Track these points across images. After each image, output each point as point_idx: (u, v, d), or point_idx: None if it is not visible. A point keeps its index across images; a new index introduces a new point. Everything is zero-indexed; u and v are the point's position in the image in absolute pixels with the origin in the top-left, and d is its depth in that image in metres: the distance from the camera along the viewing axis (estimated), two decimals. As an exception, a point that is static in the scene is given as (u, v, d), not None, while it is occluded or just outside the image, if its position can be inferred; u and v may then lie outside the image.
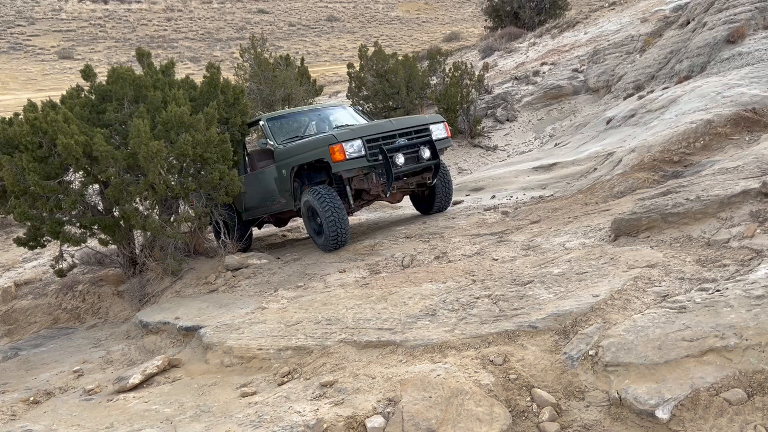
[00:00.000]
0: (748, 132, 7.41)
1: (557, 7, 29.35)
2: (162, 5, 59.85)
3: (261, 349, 4.65)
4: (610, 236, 5.45)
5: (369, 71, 16.69)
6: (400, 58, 16.88)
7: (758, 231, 4.48)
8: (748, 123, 7.52)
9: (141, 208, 7.33)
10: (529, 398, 3.36)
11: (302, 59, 23.40)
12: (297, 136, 8.06)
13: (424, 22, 61.19)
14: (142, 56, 7.97)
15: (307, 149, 7.27)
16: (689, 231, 4.90)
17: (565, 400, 3.32)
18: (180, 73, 9.04)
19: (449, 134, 7.82)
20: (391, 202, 8.45)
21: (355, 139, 6.90)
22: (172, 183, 7.12)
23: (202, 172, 7.34)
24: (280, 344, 4.63)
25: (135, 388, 4.78)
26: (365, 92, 16.75)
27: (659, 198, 5.56)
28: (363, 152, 6.92)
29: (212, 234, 8.51)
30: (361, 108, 9.32)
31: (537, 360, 3.60)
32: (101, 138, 6.74)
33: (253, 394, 4.10)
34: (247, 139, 10.06)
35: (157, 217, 7.28)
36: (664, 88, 10.69)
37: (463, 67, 15.37)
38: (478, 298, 4.61)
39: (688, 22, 13.14)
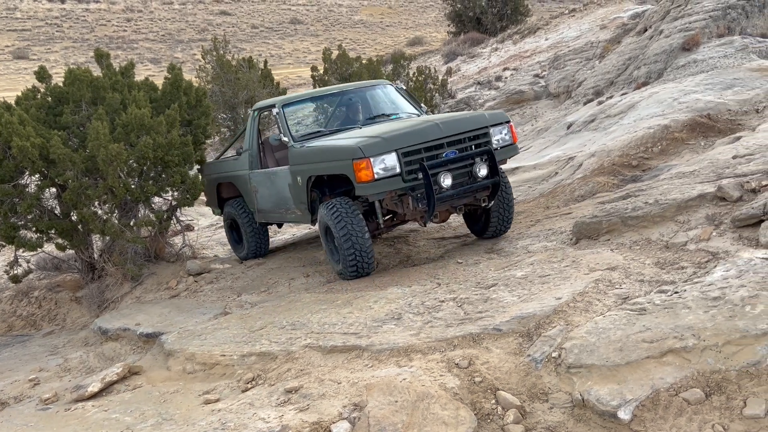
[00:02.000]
0: (703, 137, 7.62)
1: (518, 13, 29.75)
2: (121, 5, 58.81)
3: (224, 356, 4.59)
4: (571, 239, 5.53)
5: (333, 74, 16.67)
6: (364, 61, 16.90)
7: (714, 234, 4.60)
8: (704, 128, 7.73)
9: (100, 212, 7.17)
10: (494, 401, 3.39)
11: (265, 62, 23.22)
12: (319, 132, 6.51)
13: (387, 26, 61.38)
14: (101, 57, 7.80)
15: (325, 158, 5.82)
16: (648, 234, 5.00)
17: (530, 402, 3.35)
18: (140, 75, 8.88)
19: (516, 138, 6.04)
20: (435, 223, 6.75)
21: (388, 152, 5.29)
22: (132, 186, 6.98)
23: (164, 176, 7.22)
24: (244, 350, 4.57)
25: (94, 396, 4.67)
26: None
27: (619, 202, 5.67)
28: (398, 170, 5.31)
29: (174, 238, 8.37)
30: (404, 87, 7.57)
31: (501, 363, 3.63)
32: (58, 140, 6.58)
33: (217, 401, 4.04)
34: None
35: (116, 221, 7.14)
36: (622, 94, 10.92)
37: (427, 72, 15.48)
38: (443, 301, 4.63)
39: (646, 30, 13.46)
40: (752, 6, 12.54)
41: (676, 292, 3.77)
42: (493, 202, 5.90)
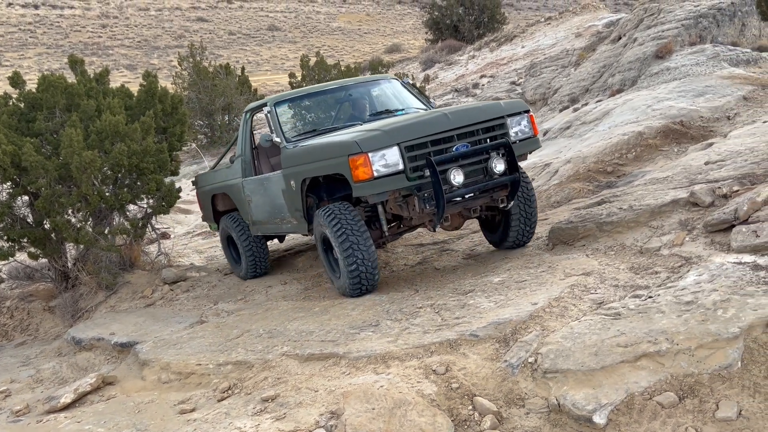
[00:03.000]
0: (676, 143, 7.73)
1: (495, 21, 30.04)
2: (96, 11, 58.26)
3: (200, 365, 4.54)
4: (547, 245, 5.57)
5: (311, 81, 16.67)
6: (342, 68, 16.92)
7: (687, 239, 4.66)
8: (677, 135, 7.84)
9: (73, 220, 7.07)
10: (471, 407, 3.39)
11: (243, 68, 23.17)
12: (315, 130, 5.91)
13: (365, 33, 61.55)
14: (75, 63, 7.72)
15: (319, 156, 5.19)
16: (623, 239, 5.06)
17: (506, 407, 3.36)
18: (115, 81, 8.80)
19: (536, 130, 5.39)
20: (446, 230, 5.87)
21: (388, 147, 4.70)
22: (107, 194, 6.90)
23: (139, 183, 7.14)
24: (220, 359, 4.53)
25: (66, 407, 4.59)
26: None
27: (594, 207, 5.73)
28: (401, 166, 4.71)
29: (150, 246, 8.28)
30: (410, 81, 6.93)
31: (478, 368, 3.63)
32: (31, 147, 6.48)
33: (192, 410, 3.99)
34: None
35: (90, 229, 7.04)
36: (597, 101, 11.06)
37: (405, 79, 15.54)
38: (420, 307, 4.63)
39: (620, 38, 13.65)
40: (723, 15, 12.79)
41: (650, 297, 3.81)
42: (512, 203, 5.24)
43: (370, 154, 4.63)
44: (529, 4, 71.81)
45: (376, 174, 4.65)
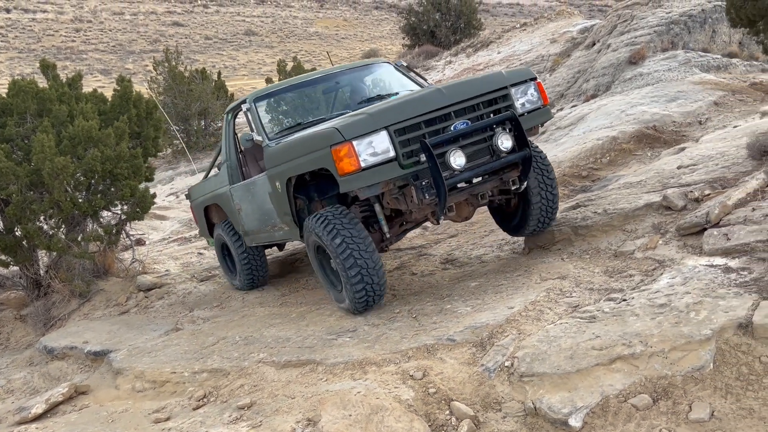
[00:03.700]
0: (650, 148, 7.83)
1: (471, 26, 30.20)
2: (70, 15, 57.55)
3: (175, 373, 4.49)
4: (523, 249, 5.60)
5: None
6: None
7: (660, 242, 4.72)
8: (650, 139, 7.95)
9: (45, 227, 6.96)
10: (448, 411, 3.39)
11: (219, 73, 23.03)
12: (300, 124, 5.42)
13: (343, 38, 61.58)
14: (47, 68, 7.61)
15: (300, 151, 4.63)
16: (597, 243, 5.10)
17: (483, 411, 3.37)
18: (89, 86, 8.69)
19: (546, 99, 4.80)
20: (455, 221, 5.27)
21: (375, 131, 4.14)
22: (80, 200, 6.80)
23: (113, 189, 7.05)
24: (196, 367, 4.48)
25: (38, 418, 4.50)
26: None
27: (569, 212, 5.77)
28: (392, 153, 4.16)
29: (124, 253, 8.18)
30: (405, 64, 6.26)
31: (455, 373, 3.64)
32: (1, 153, 6.37)
33: (167, 419, 3.94)
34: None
35: (63, 236, 6.94)
36: (572, 106, 11.17)
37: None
38: (398, 312, 4.62)
39: (594, 44, 13.81)
40: (694, 22, 13.02)
41: (624, 300, 3.84)
42: (525, 184, 4.72)
43: (354, 142, 4.08)
44: (504, 10, 72.46)
45: (363, 164, 4.09)
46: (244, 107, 5.57)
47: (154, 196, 7.49)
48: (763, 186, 4.96)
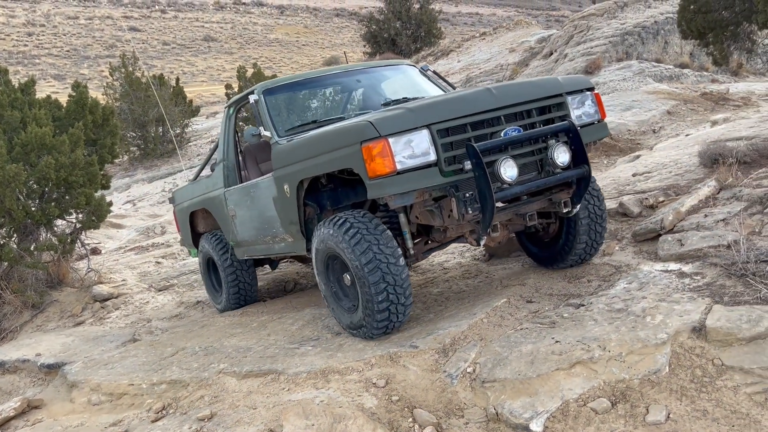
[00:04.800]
0: (606, 156, 8.01)
1: (432, 35, 30.48)
2: (22, 19, 56.12)
3: (132, 385, 4.39)
4: (485, 256, 5.66)
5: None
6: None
7: (617, 248, 4.83)
8: (606, 147, 8.13)
9: (-4, 236, 6.76)
10: (411, 419, 3.39)
11: (177, 79, 22.74)
12: (315, 122, 4.83)
13: (303, 45, 61.45)
14: (-2, 73, 7.41)
15: (321, 148, 3.99)
16: (557, 249, 5.18)
17: (446, 418, 3.38)
18: (43, 92, 8.48)
19: (604, 113, 4.25)
20: (488, 245, 4.71)
21: (415, 129, 3.58)
22: (33, 209, 6.63)
23: (67, 197, 6.89)
24: (154, 378, 4.39)
25: (-12, 434, 4.36)
26: (244, 113, 16.53)
27: (529, 218, 5.85)
28: (432, 156, 3.60)
29: (79, 262, 7.98)
30: (432, 69, 5.72)
31: (418, 380, 3.64)
32: (-51, 160, 6.17)
33: (124, 433, 3.85)
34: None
35: (15, 245, 6.74)
36: (531, 115, 11.34)
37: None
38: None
39: (551, 53, 14.09)
40: (647, 33, 13.39)
41: (582, 305, 3.91)
42: (578, 208, 4.14)
43: (390, 140, 3.50)
44: (464, 19, 73.37)
45: (399, 167, 3.50)
46: (251, 98, 4.89)
47: (110, 204, 7.34)
48: (714, 193, 5.12)
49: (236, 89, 18.88)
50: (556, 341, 3.52)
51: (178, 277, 7.56)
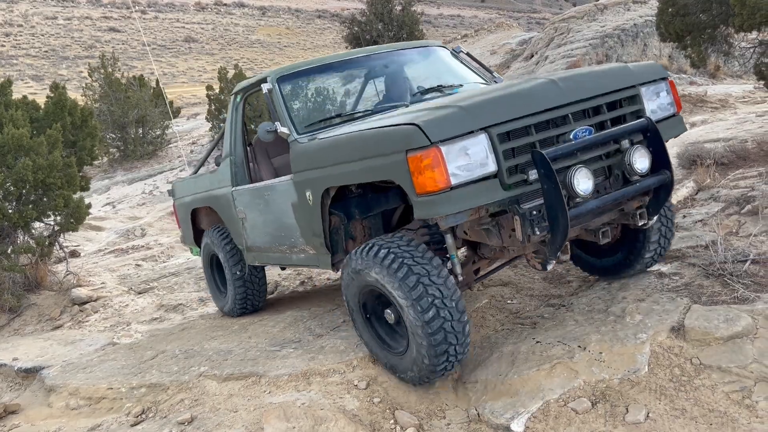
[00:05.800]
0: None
1: (414, 37, 30.53)
2: (-1, 19, 55.37)
3: (111, 389, 4.34)
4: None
5: (229, 94, 16.44)
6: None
7: (597, 249, 4.86)
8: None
9: (-28, 239, 6.66)
10: (392, 420, 3.39)
11: (157, 80, 22.55)
12: (340, 115, 4.20)
13: (285, 46, 61.27)
14: (-26, 73, 7.30)
15: (352, 154, 3.37)
16: (537, 250, 5.21)
17: (428, 419, 3.38)
18: (20, 93, 8.37)
19: (680, 105, 3.65)
20: (558, 262, 3.53)
21: (471, 133, 2.94)
22: (10, 211, 6.53)
23: (45, 199, 6.80)
24: (133, 382, 4.34)
25: (-37, 441, 4.28)
26: (225, 115, 16.47)
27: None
28: (492, 166, 2.97)
29: (57, 265, 7.88)
30: (465, 51, 5.03)
31: (400, 381, 3.64)
32: (-77, 162, 6.07)
33: (103, 437, 3.81)
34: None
35: (-9, 248, 6.64)
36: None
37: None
38: (343, 321, 4.60)
39: (532, 56, 14.18)
40: (627, 36, 13.52)
41: (563, 306, 3.94)
42: (655, 219, 3.60)
43: (443, 148, 2.85)
44: (446, 21, 73.63)
45: (453, 181, 2.87)
46: (264, 87, 4.22)
47: (89, 206, 7.26)
48: (693, 194, 5.18)
49: (217, 90, 18.77)
50: (537, 342, 3.54)
51: (158, 279, 7.49)
